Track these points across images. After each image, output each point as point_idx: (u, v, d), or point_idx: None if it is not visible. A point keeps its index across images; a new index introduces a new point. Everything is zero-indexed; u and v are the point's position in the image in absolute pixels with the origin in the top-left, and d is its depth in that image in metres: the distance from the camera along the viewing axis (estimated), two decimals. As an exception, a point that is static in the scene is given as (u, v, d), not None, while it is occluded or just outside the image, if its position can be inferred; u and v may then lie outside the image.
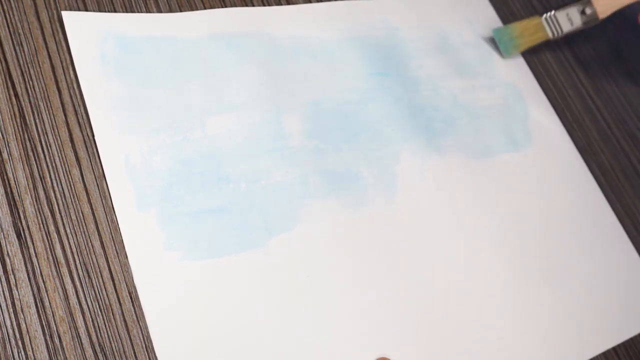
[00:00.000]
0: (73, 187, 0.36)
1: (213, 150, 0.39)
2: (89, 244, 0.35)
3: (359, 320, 0.38)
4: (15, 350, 0.32)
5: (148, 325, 0.34)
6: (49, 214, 0.35)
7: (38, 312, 0.33)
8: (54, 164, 0.36)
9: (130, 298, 0.34)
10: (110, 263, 0.35)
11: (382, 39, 0.49)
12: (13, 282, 0.33)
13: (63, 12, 0.40)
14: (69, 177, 0.36)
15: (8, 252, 0.33)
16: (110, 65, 0.39)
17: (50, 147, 0.36)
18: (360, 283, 0.39)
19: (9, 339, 0.32)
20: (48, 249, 0.34)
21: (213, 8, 0.44)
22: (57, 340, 0.32)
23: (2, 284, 0.33)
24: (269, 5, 0.47)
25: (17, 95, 0.37)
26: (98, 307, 0.34)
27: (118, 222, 0.36)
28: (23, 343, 0.32)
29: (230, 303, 0.36)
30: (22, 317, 0.32)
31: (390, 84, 0.47)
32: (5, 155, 0.35)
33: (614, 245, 0.49)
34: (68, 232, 0.35)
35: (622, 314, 0.46)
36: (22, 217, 0.34)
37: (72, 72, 0.39)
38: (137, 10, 0.42)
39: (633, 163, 0.54)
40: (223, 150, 0.40)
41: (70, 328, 0.33)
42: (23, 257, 0.34)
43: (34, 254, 0.34)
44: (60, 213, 0.35)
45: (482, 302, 0.42)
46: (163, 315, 0.34)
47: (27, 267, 0.33)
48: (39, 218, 0.35)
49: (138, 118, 0.39)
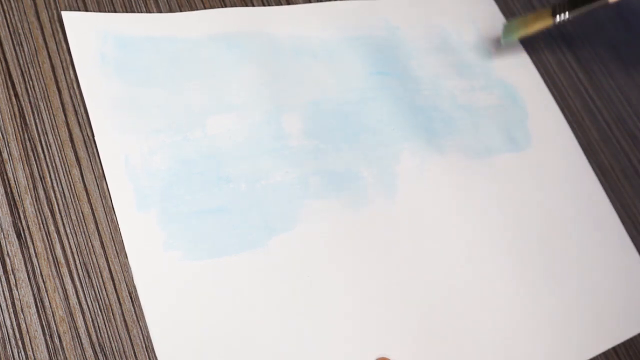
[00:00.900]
0: (73, 187, 0.36)
1: (213, 150, 0.39)
2: (89, 244, 0.35)
3: (359, 320, 0.38)
4: (15, 350, 0.32)
5: (148, 325, 0.34)
6: (49, 214, 0.35)
7: (38, 312, 0.33)
8: (54, 164, 0.36)
9: (130, 298, 0.34)
10: (110, 263, 0.35)
11: (382, 39, 0.49)
12: (13, 282, 0.33)
13: (63, 12, 0.40)
14: (69, 177, 0.36)
15: (8, 252, 0.33)
16: (110, 65, 0.39)
17: (50, 147, 0.36)
18: (360, 283, 0.39)
19: (9, 339, 0.32)
20: (48, 249, 0.34)
21: (213, 8, 0.44)
22: (57, 340, 0.32)
23: (2, 284, 0.33)
24: (269, 5, 0.47)
25: (17, 95, 0.37)
26: (98, 307, 0.34)
27: (118, 222, 0.36)
28: (23, 343, 0.32)
29: (230, 303, 0.36)
30: (22, 317, 0.32)
31: (391, 84, 0.47)
32: (5, 155, 0.35)
33: (615, 245, 0.49)
34: (68, 232, 0.35)
35: (622, 314, 0.46)
36: (22, 217, 0.34)
37: (72, 72, 0.39)
38: (137, 10, 0.42)
39: (633, 163, 0.54)
40: (223, 150, 0.40)
41: (70, 328, 0.33)
42: (23, 257, 0.34)
43: (34, 254, 0.34)
44: (60, 213, 0.35)
45: (482, 302, 0.42)
46: (163, 315, 0.34)
47: (27, 267, 0.33)
48: (39, 218, 0.35)
49: (138, 118, 0.39)
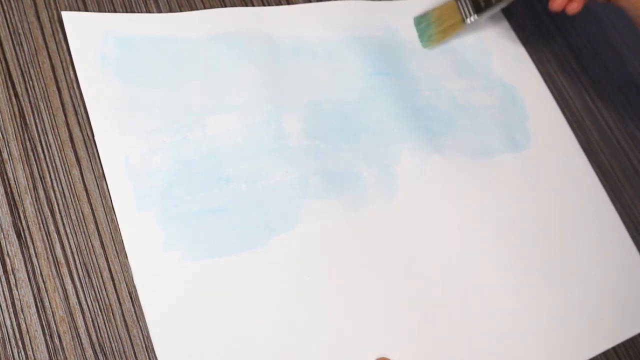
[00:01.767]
0: (73, 187, 0.36)
1: (213, 150, 0.39)
2: (89, 244, 0.35)
3: (359, 320, 0.38)
4: (15, 350, 0.32)
5: (148, 325, 0.34)
6: (49, 214, 0.35)
7: (38, 312, 0.33)
8: (54, 164, 0.36)
9: (130, 298, 0.34)
10: (110, 263, 0.35)
11: (382, 39, 0.49)
12: (13, 282, 0.33)
13: (63, 12, 0.40)
14: (69, 177, 0.36)
15: (8, 252, 0.33)
16: (110, 66, 0.39)
17: (50, 147, 0.36)
18: (360, 283, 0.39)
19: (9, 339, 0.32)
20: (48, 249, 0.34)
21: (213, 8, 0.44)
22: (57, 340, 0.32)
23: (2, 284, 0.33)
24: (269, 5, 0.47)
25: (17, 95, 0.37)
26: (98, 307, 0.34)
27: (118, 222, 0.36)
28: (23, 343, 0.32)
29: (230, 303, 0.36)
30: (22, 317, 0.32)
31: (390, 84, 0.47)
32: (5, 155, 0.35)
33: (615, 245, 0.49)
34: (68, 232, 0.35)
35: (622, 314, 0.46)
36: (22, 217, 0.34)
37: (72, 72, 0.39)
38: (137, 10, 0.42)
39: (633, 163, 0.54)
40: (223, 150, 0.40)
41: (70, 328, 0.33)
42: (23, 257, 0.34)
43: (34, 254, 0.34)
44: (60, 213, 0.35)
45: (482, 302, 0.42)
46: (163, 315, 0.34)
47: (27, 267, 0.33)
48: (39, 218, 0.35)
49: (138, 118, 0.39)
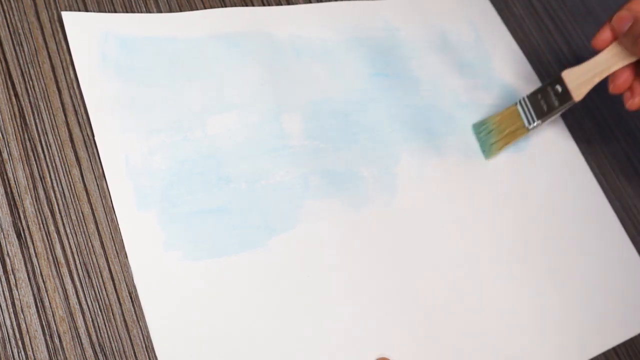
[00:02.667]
0: (73, 187, 0.36)
1: (213, 150, 0.39)
2: (89, 244, 0.35)
3: (359, 320, 0.38)
4: (15, 350, 0.32)
5: (148, 325, 0.34)
6: (49, 214, 0.35)
7: (38, 312, 0.33)
8: (54, 164, 0.36)
9: (130, 298, 0.34)
10: (110, 263, 0.35)
11: (382, 40, 0.49)
12: (13, 282, 0.33)
13: (63, 12, 0.40)
14: (69, 177, 0.36)
15: (8, 252, 0.33)
16: (111, 66, 0.39)
17: (50, 147, 0.36)
18: (360, 283, 0.39)
19: (9, 339, 0.32)
20: (48, 249, 0.34)
21: (213, 8, 0.44)
22: (57, 340, 0.32)
23: (2, 284, 0.33)
24: (269, 5, 0.47)
25: (17, 95, 0.37)
26: (98, 307, 0.34)
27: (118, 222, 0.36)
28: (23, 343, 0.32)
29: (230, 303, 0.36)
30: (22, 317, 0.32)
31: (391, 85, 0.47)
32: (5, 155, 0.35)
33: (615, 245, 0.49)
34: (68, 232, 0.35)
35: (622, 314, 0.46)
36: (22, 217, 0.34)
37: (72, 72, 0.39)
38: (137, 10, 0.42)
39: (633, 163, 0.54)
40: (223, 150, 0.40)
41: (70, 328, 0.33)
42: (23, 257, 0.34)
43: (34, 254, 0.34)
44: (60, 213, 0.35)
45: (481, 302, 0.42)
46: (163, 315, 0.34)
47: (27, 267, 0.33)
48: (39, 218, 0.35)
49: (138, 118, 0.39)
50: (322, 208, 0.40)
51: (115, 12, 0.42)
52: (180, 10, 0.44)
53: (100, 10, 0.41)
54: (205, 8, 0.44)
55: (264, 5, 0.46)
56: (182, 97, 0.40)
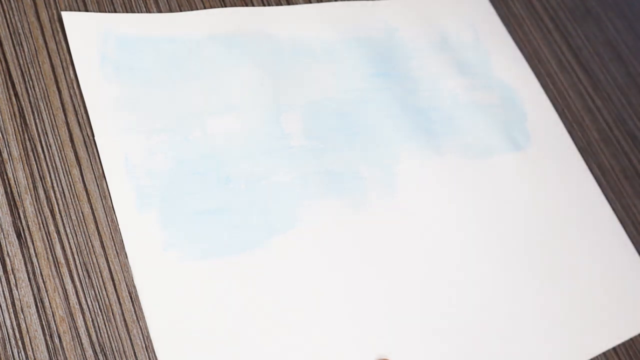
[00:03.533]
0: (73, 187, 0.36)
1: (213, 150, 0.39)
2: (89, 244, 0.35)
3: (359, 320, 0.38)
4: (15, 350, 0.32)
5: (148, 325, 0.34)
6: (49, 214, 0.35)
7: (38, 312, 0.33)
8: (54, 164, 0.36)
9: (130, 298, 0.34)
10: (110, 263, 0.35)
11: (382, 40, 0.49)
12: (13, 282, 0.33)
13: (63, 12, 0.40)
14: (69, 177, 0.36)
15: (8, 252, 0.33)
16: (110, 66, 0.39)
17: (50, 147, 0.36)
18: (360, 283, 0.39)
19: (9, 339, 0.32)
20: (48, 249, 0.34)
21: (213, 8, 0.44)
22: (57, 340, 0.32)
23: (2, 284, 0.33)
24: (269, 5, 0.47)
25: (17, 95, 0.37)
26: (98, 307, 0.34)
27: (118, 222, 0.36)
28: (23, 343, 0.32)
29: (230, 303, 0.36)
30: (22, 317, 0.32)
31: (390, 85, 0.47)
32: (5, 155, 0.35)
33: (614, 246, 0.49)
34: (68, 232, 0.35)
35: (622, 314, 0.46)
36: (22, 217, 0.34)
37: (72, 72, 0.39)
38: (137, 10, 0.42)
39: (633, 163, 0.54)
40: (223, 150, 0.40)
41: (70, 328, 0.33)
42: (23, 257, 0.34)
43: (34, 254, 0.34)
44: (60, 213, 0.35)
45: (481, 302, 0.42)
46: (163, 315, 0.34)
47: (27, 267, 0.33)
48: (39, 218, 0.35)
49: (138, 118, 0.39)
50: (322, 208, 0.40)
51: (115, 12, 0.42)
52: (180, 10, 0.44)
53: (100, 10, 0.41)
54: (205, 8, 0.44)
55: (264, 5, 0.46)
56: (182, 97, 0.40)
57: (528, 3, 0.58)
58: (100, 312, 0.34)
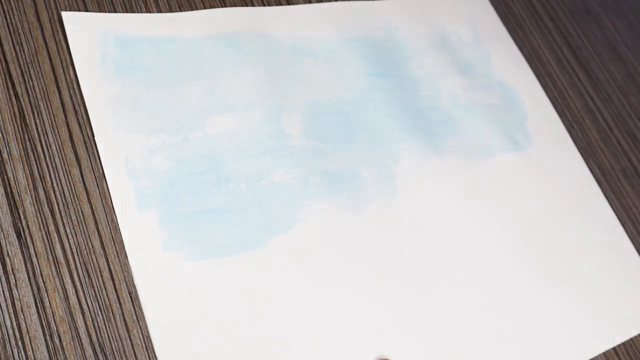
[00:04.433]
0: (73, 187, 0.36)
1: (213, 150, 0.40)
2: (89, 244, 0.35)
3: (359, 320, 0.38)
4: (15, 350, 0.32)
5: (148, 325, 0.34)
6: (49, 214, 0.35)
7: (38, 312, 0.33)
8: (54, 164, 0.36)
9: (130, 298, 0.34)
10: (110, 263, 0.35)
11: (382, 40, 0.49)
12: (13, 282, 0.33)
13: (63, 12, 0.40)
14: (69, 177, 0.36)
15: (8, 252, 0.33)
16: (110, 66, 0.39)
17: (50, 147, 0.36)
18: (360, 283, 0.39)
19: (9, 339, 0.32)
20: (48, 249, 0.34)
21: (213, 8, 0.44)
22: (57, 340, 0.32)
23: (2, 284, 0.33)
24: (269, 5, 0.47)
25: (17, 95, 0.37)
26: (98, 307, 0.34)
27: (118, 222, 0.36)
28: (23, 343, 0.32)
29: (230, 303, 0.36)
30: (22, 317, 0.32)
31: (390, 85, 0.47)
32: (5, 155, 0.35)
33: (614, 245, 0.49)
34: (68, 232, 0.35)
35: (622, 314, 0.46)
36: (22, 217, 0.34)
37: (72, 72, 0.39)
38: (137, 10, 0.42)
39: (633, 163, 0.54)
40: (223, 150, 0.40)
41: (70, 328, 0.33)
42: (23, 257, 0.34)
43: (34, 254, 0.34)
44: (60, 213, 0.35)
45: (481, 302, 0.42)
46: (163, 315, 0.34)
47: (27, 267, 0.33)
48: (39, 218, 0.35)
49: (138, 118, 0.39)
50: (322, 208, 0.40)
51: (115, 12, 0.42)
52: (180, 10, 0.44)
53: (100, 10, 0.41)
54: (205, 8, 0.44)
55: (264, 5, 0.46)
56: (182, 97, 0.40)
57: (528, 3, 0.58)
58: (100, 312, 0.34)
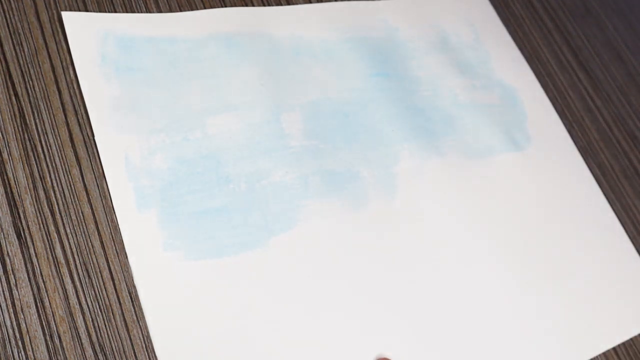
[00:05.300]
0: (73, 187, 0.36)
1: (213, 150, 0.40)
2: (89, 244, 0.35)
3: (359, 320, 0.38)
4: (15, 350, 0.32)
5: (148, 325, 0.34)
6: (49, 214, 0.35)
7: (38, 312, 0.33)
8: (54, 164, 0.36)
9: (130, 298, 0.34)
10: (110, 263, 0.35)
11: (382, 40, 0.49)
12: (13, 282, 0.33)
13: (63, 12, 0.40)
14: (69, 177, 0.36)
15: (8, 252, 0.33)
16: (110, 66, 0.39)
17: (50, 147, 0.36)
18: (360, 283, 0.39)
19: (9, 339, 0.32)
20: (48, 249, 0.34)
21: (213, 8, 0.44)
22: (57, 340, 0.32)
23: (2, 284, 0.33)
24: (269, 5, 0.47)
25: (17, 95, 0.37)
26: (98, 307, 0.34)
27: (118, 222, 0.36)
28: (23, 343, 0.32)
29: (230, 303, 0.36)
30: (22, 317, 0.32)
31: (390, 85, 0.47)
32: (5, 155, 0.35)
33: (614, 246, 0.49)
34: (68, 232, 0.35)
35: (622, 314, 0.46)
36: (22, 217, 0.34)
37: (72, 72, 0.39)
38: (137, 10, 0.42)
39: (633, 163, 0.54)
40: (223, 150, 0.40)
41: (70, 328, 0.33)
42: (23, 257, 0.34)
43: (34, 254, 0.34)
44: (60, 213, 0.35)
45: (481, 302, 0.42)
46: (163, 315, 0.34)
47: (27, 267, 0.33)
48: (39, 218, 0.35)
49: (138, 118, 0.39)
50: (322, 208, 0.40)
51: (115, 12, 0.42)
52: (180, 10, 0.44)
53: (100, 10, 0.41)
54: (205, 8, 0.44)
55: (264, 5, 0.46)
56: (182, 97, 0.40)
57: (528, 3, 0.58)
58: (100, 312, 0.34)
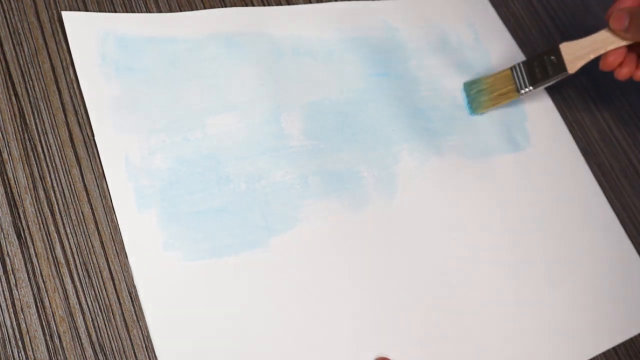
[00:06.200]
0: (73, 187, 0.36)
1: (213, 150, 0.39)
2: (89, 244, 0.35)
3: (359, 320, 0.38)
4: (15, 350, 0.32)
5: (148, 325, 0.34)
6: (49, 214, 0.35)
7: (38, 312, 0.33)
8: (54, 164, 0.36)
9: (130, 298, 0.34)
10: (110, 263, 0.35)
11: (381, 40, 0.49)
12: (13, 282, 0.33)
13: (63, 12, 0.40)
14: (69, 177, 0.36)
15: (8, 252, 0.33)
16: (110, 66, 0.39)
17: (50, 147, 0.36)
18: (360, 283, 0.39)
19: (9, 339, 0.32)
20: (48, 249, 0.34)
21: (213, 8, 0.44)
22: (57, 340, 0.32)
23: (2, 284, 0.33)
24: (269, 5, 0.47)
25: (17, 95, 0.37)
26: (98, 307, 0.34)
27: (118, 222, 0.36)
28: (23, 343, 0.32)
29: (230, 303, 0.36)
30: (22, 317, 0.32)
31: (390, 85, 0.47)
32: (5, 155, 0.35)
33: (614, 246, 0.49)
34: (68, 232, 0.35)
35: (622, 314, 0.46)
36: (22, 217, 0.34)
37: (72, 72, 0.39)
38: (137, 10, 0.42)
39: (633, 163, 0.54)
40: (223, 150, 0.40)
41: (70, 328, 0.33)
42: (23, 257, 0.34)
43: (34, 254, 0.34)
44: (60, 213, 0.35)
45: (482, 302, 0.42)
46: (163, 315, 0.34)
47: (27, 267, 0.33)
48: (39, 218, 0.35)
49: (138, 118, 0.39)
50: (322, 208, 0.40)
51: (115, 12, 0.42)
52: (180, 10, 0.44)
53: (100, 10, 0.41)
54: (205, 8, 0.44)
55: (264, 5, 0.46)
56: (182, 97, 0.40)
57: (528, 3, 0.58)
58: (100, 312, 0.34)
